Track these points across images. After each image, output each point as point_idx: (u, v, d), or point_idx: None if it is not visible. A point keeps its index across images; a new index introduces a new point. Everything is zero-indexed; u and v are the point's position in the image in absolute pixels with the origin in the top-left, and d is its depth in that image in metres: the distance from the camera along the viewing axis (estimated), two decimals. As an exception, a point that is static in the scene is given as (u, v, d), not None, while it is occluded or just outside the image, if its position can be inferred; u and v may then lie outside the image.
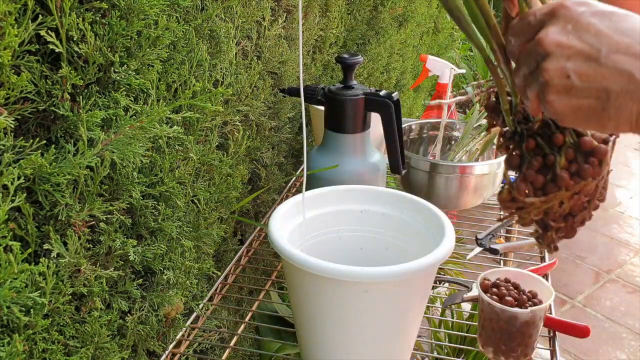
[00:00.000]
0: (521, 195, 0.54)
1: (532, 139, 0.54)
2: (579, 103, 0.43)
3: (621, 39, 0.41)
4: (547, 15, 0.45)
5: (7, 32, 0.50)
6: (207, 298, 0.97)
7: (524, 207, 0.55)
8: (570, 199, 0.53)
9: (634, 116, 0.42)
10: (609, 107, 0.42)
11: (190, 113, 0.76)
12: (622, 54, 0.41)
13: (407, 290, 0.70)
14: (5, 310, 0.53)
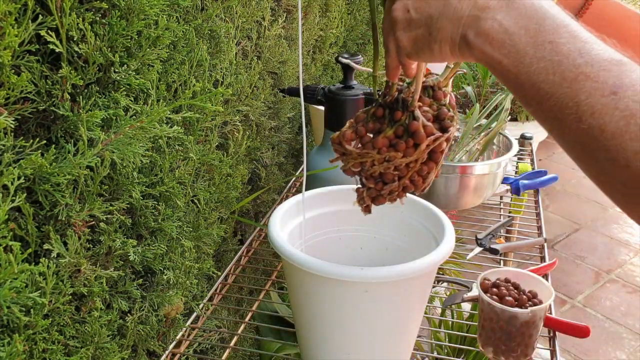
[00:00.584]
0: (346, 142, 0.63)
1: (381, 108, 0.63)
2: (416, 33, 0.50)
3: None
4: None
5: (7, 32, 0.50)
6: (207, 298, 0.97)
7: (345, 153, 0.64)
8: (380, 163, 0.62)
9: (449, 35, 0.48)
10: (433, 31, 0.49)
11: (190, 113, 0.76)
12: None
13: (407, 290, 0.70)
14: (6, 310, 0.53)
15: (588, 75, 0.41)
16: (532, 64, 0.43)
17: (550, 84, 0.42)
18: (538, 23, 0.44)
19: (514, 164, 1.47)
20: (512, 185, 1.32)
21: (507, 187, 1.34)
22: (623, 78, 0.40)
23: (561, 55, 0.42)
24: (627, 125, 0.39)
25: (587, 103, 0.40)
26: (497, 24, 0.45)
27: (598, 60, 0.41)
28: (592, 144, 0.41)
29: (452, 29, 0.48)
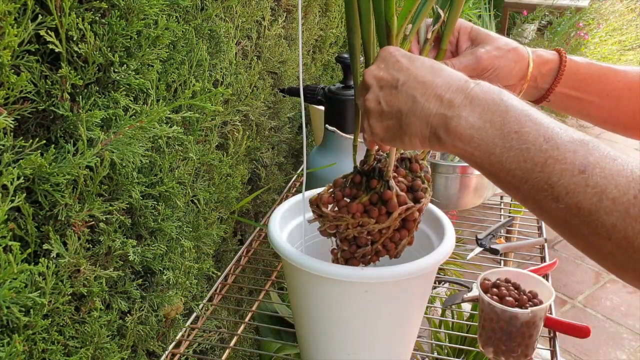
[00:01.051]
0: (323, 205, 0.67)
1: (359, 175, 0.68)
2: (387, 124, 0.54)
3: (416, 71, 0.52)
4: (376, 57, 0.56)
5: (6, 32, 0.49)
6: (207, 298, 0.97)
7: (322, 215, 0.67)
8: (354, 227, 0.66)
9: (419, 131, 0.52)
10: (402, 125, 0.52)
11: (190, 113, 0.76)
12: (413, 82, 0.51)
13: (407, 290, 0.70)
14: (5, 311, 0.52)
15: (557, 159, 0.43)
16: (502, 154, 0.46)
17: (523, 170, 0.45)
18: (501, 116, 0.47)
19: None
20: (512, 185, 1.32)
21: (507, 187, 1.33)
22: (588, 157, 0.43)
23: (528, 142, 0.45)
24: (600, 201, 0.41)
25: (561, 184, 0.43)
26: (464, 121, 0.48)
27: (563, 142, 0.44)
28: (573, 221, 0.43)
29: (420, 125, 0.51)
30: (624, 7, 3.97)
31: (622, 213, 0.41)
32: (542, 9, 4.15)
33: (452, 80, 0.50)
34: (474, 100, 0.48)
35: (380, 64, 0.55)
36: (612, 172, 0.42)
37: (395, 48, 0.56)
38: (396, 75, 0.53)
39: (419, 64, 0.53)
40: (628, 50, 3.65)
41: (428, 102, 0.50)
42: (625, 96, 0.70)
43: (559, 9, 4.12)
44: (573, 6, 4.09)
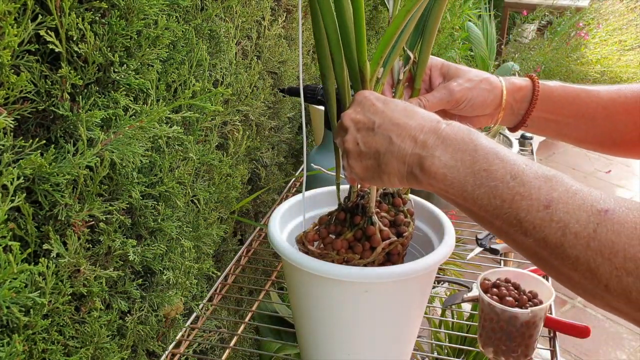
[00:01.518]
0: (308, 243, 0.70)
1: (343, 212, 0.71)
2: (366, 164, 0.56)
3: (391, 114, 0.55)
4: (352, 101, 0.59)
5: (6, 32, 0.49)
6: (207, 298, 0.97)
7: (308, 252, 0.69)
8: (340, 263, 0.68)
9: (397, 170, 0.54)
10: (381, 164, 0.55)
11: (190, 113, 0.76)
12: (388, 124, 0.54)
13: (408, 290, 0.70)
14: (5, 310, 0.52)
15: (523, 195, 0.46)
16: (474, 191, 0.49)
17: (493, 206, 0.48)
18: (471, 154, 0.50)
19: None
20: (512, 185, 1.32)
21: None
22: (552, 192, 0.45)
23: (496, 180, 0.47)
24: (564, 236, 0.43)
25: (527, 219, 0.45)
26: (437, 160, 0.51)
27: (528, 179, 0.46)
28: (542, 254, 0.46)
29: (398, 165, 0.54)
30: (624, 7, 3.97)
31: (584, 246, 0.43)
32: (542, 9, 4.15)
33: (425, 122, 0.53)
34: (446, 140, 0.51)
35: (356, 108, 0.58)
36: (574, 207, 0.44)
37: (369, 92, 0.59)
38: (372, 117, 0.56)
39: (393, 106, 0.56)
40: (628, 50, 3.65)
41: (403, 143, 0.53)
42: (599, 115, 0.73)
43: (559, 9, 4.12)
44: (573, 6, 4.09)
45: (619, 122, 0.72)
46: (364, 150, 0.56)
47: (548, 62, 3.55)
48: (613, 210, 0.42)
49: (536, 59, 3.60)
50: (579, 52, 3.64)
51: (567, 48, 3.65)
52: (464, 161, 0.50)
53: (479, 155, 0.49)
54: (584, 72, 3.56)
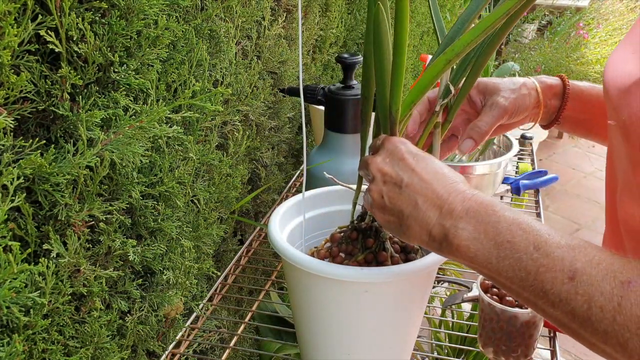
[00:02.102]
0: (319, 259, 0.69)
1: (355, 232, 0.70)
2: (387, 218, 0.56)
3: (420, 174, 0.54)
4: (380, 145, 0.59)
5: (6, 32, 0.49)
6: (206, 298, 0.97)
7: None
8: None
9: (418, 235, 0.54)
10: (403, 225, 0.55)
11: (189, 113, 0.76)
12: (416, 185, 0.54)
13: (407, 290, 0.70)
14: (5, 310, 0.52)
15: (547, 267, 0.46)
16: (498, 263, 0.49)
17: (519, 278, 0.48)
18: (494, 226, 0.50)
19: (514, 164, 1.47)
20: (513, 185, 1.32)
21: (507, 187, 1.34)
22: (576, 263, 0.45)
23: (520, 252, 0.47)
24: (590, 309, 0.43)
25: (553, 292, 0.45)
26: (461, 231, 0.51)
27: (552, 250, 0.46)
28: (572, 326, 0.45)
29: (420, 231, 0.54)
30: (624, 7, 3.97)
31: (610, 321, 0.42)
32: (541, 9, 4.15)
33: (452, 190, 0.53)
34: (469, 211, 0.51)
35: (385, 157, 0.57)
36: (598, 279, 0.43)
37: (401, 141, 0.57)
38: (401, 174, 0.55)
39: (423, 165, 0.55)
40: (628, 50, 3.65)
41: (429, 211, 0.53)
42: None
43: (558, 8, 4.12)
44: (573, 6, 4.09)
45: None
46: (389, 205, 0.56)
47: (548, 62, 3.55)
48: (636, 282, 0.42)
49: (536, 59, 3.60)
50: (579, 52, 3.65)
51: (567, 48, 3.65)
52: (487, 233, 0.50)
53: (501, 227, 0.49)
54: (584, 72, 3.56)
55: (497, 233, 0.49)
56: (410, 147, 0.57)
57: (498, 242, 0.49)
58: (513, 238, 0.48)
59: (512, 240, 0.48)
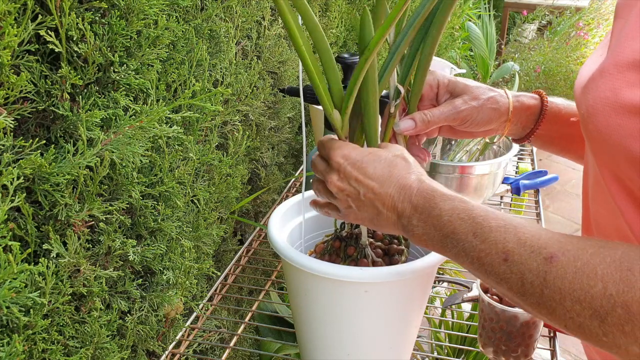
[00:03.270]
0: None
1: (338, 241, 0.73)
2: (362, 216, 0.61)
3: (369, 183, 0.58)
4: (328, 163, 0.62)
5: (6, 32, 0.49)
6: (206, 298, 0.97)
7: None
8: None
9: (391, 229, 0.59)
10: (376, 225, 0.61)
11: (189, 113, 0.76)
12: (371, 194, 0.58)
13: (407, 290, 0.70)
14: (5, 310, 0.52)
15: (485, 252, 0.50)
16: (451, 251, 0.54)
17: (468, 263, 0.52)
18: (438, 220, 0.54)
19: (514, 164, 1.47)
20: (513, 185, 1.32)
21: (507, 187, 1.34)
22: (507, 244, 0.49)
23: (463, 241, 0.52)
24: (523, 285, 0.48)
25: (494, 273, 0.50)
26: (416, 228, 0.56)
27: (487, 235, 0.50)
28: (514, 299, 0.50)
29: (391, 228, 0.59)
30: (624, 7, 3.96)
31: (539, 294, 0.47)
32: (541, 9, 4.15)
33: (400, 188, 0.57)
34: (417, 208, 0.56)
35: (339, 175, 0.61)
36: (526, 257, 0.48)
37: (342, 156, 0.61)
38: (356, 187, 0.59)
39: (371, 172, 0.59)
40: (628, 50, 3.65)
41: (389, 212, 0.58)
42: None
43: (558, 8, 4.12)
44: (573, 6, 4.09)
45: None
46: (359, 213, 0.61)
47: (548, 62, 3.55)
48: (557, 257, 0.46)
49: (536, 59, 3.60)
50: (579, 52, 3.64)
51: (567, 48, 3.65)
52: (434, 226, 0.54)
53: (444, 220, 0.54)
54: (584, 72, 3.55)
55: (442, 226, 0.54)
56: (351, 158, 0.60)
57: (444, 234, 0.53)
58: (455, 229, 0.52)
59: (455, 231, 0.52)
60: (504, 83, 3.50)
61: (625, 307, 0.42)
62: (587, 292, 0.44)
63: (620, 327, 0.42)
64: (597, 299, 0.43)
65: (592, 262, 0.44)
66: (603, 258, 0.44)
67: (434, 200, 0.55)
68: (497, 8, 4.49)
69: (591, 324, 0.44)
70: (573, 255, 0.46)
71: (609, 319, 0.42)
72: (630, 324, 0.42)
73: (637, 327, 0.41)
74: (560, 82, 3.52)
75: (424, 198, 0.56)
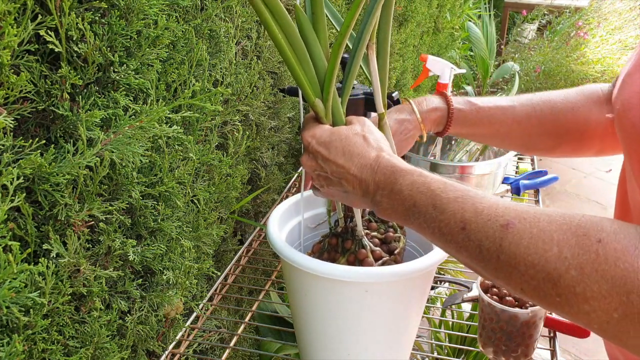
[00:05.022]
0: None
1: (335, 238, 0.74)
2: (335, 192, 0.64)
3: (335, 159, 0.61)
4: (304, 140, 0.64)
5: (6, 32, 0.49)
6: (206, 298, 0.97)
7: None
8: None
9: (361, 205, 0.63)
10: (349, 200, 0.64)
11: (189, 113, 0.75)
12: (337, 171, 0.61)
13: (407, 290, 0.70)
14: (5, 310, 0.52)
15: (444, 222, 0.52)
16: (414, 224, 0.55)
17: (431, 234, 0.54)
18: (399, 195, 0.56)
19: (514, 164, 1.47)
20: (513, 185, 1.32)
21: (507, 187, 1.34)
22: (464, 214, 0.50)
23: (424, 213, 0.54)
24: (481, 253, 0.49)
25: (453, 241, 0.51)
26: (381, 204, 0.58)
27: (445, 206, 0.52)
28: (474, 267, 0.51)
29: (362, 203, 0.62)
30: (624, 6, 3.97)
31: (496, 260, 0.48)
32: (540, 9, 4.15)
33: (362, 166, 0.60)
34: (380, 184, 0.58)
35: (308, 154, 0.64)
36: (483, 225, 0.49)
37: (310, 135, 0.63)
38: (323, 166, 0.62)
39: (335, 151, 0.61)
40: (628, 49, 3.66)
41: (355, 189, 0.60)
42: (514, 131, 0.82)
43: (557, 8, 4.12)
44: (572, 6, 4.09)
45: (533, 135, 0.82)
46: (331, 189, 0.64)
47: (548, 62, 3.55)
48: (513, 224, 0.48)
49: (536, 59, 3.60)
50: (579, 51, 3.64)
51: (567, 48, 3.65)
52: (397, 201, 0.56)
53: (405, 194, 0.55)
54: (584, 71, 3.56)
55: (403, 200, 0.56)
56: (319, 137, 0.62)
57: (406, 207, 0.55)
58: (415, 202, 0.54)
59: (416, 204, 0.54)
60: (504, 83, 3.50)
61: (579, 269, 0.43)
62: (541, 256, 0.45)
63: (572, 289, 0.44)
64: (552, 262, 0.45)
65: (548, 229, 0.46)
66: (559, 225, 0.46)
67: (393, 175, 0.57)
68: (497, 8, 4.49)
69: (545, 286, 0.45)
70: (529, 223, 0.47)
71: (562, 281, 0.44)
72: (582, 285, 0.43)
73: (587, 287, 0.43)
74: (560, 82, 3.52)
75: (384, 175, 0.58)
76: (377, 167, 0.59)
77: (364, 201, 0.61)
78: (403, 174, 0.57)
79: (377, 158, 0.59)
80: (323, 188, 0.65)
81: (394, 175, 0.57)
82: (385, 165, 0.58)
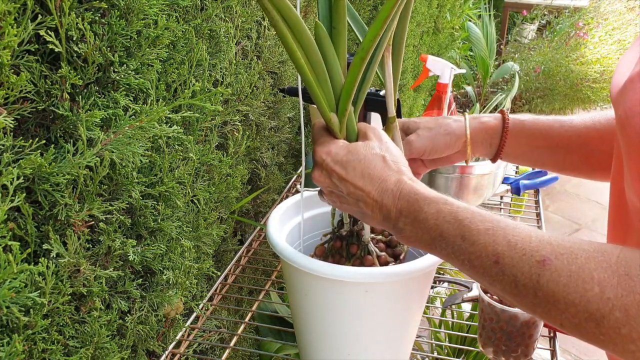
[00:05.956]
0: None
1: (339, 240, 0.73)
2: (349, 209, 0.62)
3: (352, 180, 0.59)
4: (314, 158, 0.63)
5: (6, 32, 0.49)
6: (206, 298, 0.97)
7: None
8: None
9: (379, 226, 0.60)
10: (362, 218, 0.62)
11: (189, 113, 0.75)
12: (354, 192, 0.59)
13: (407, 290, 0.70)
14: (5, 310, 0.52)
15: (475, 255, 0.50)
16: (441, 253, 0.54)
17: (460, 264, 0.52)
18: (424, 224, 0.54)
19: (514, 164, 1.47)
20: (513, 185, 1.32)
21: (507, 187, 1.34)
22: (497, 247, 0.49)
23: (451, 244, 0.52)
24: (516, 287, 0.48)
25: (486, 275, 0.50)
26: (403, 231, 0.56)
27: (475, 237, 0.51)
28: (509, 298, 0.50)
29: (378, 224, 0.60)
30: (623, 7, 3.97)
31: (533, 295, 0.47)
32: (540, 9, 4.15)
33: (382, 191, 0.57)
34: (402, 212, 0.56)
35: (321, 171, 0.61)
36: (517, 260, 0.48)
37: (325, 152, 0.61)
38: (338, 184, 0.60)
39: (352, 172, 0.59)
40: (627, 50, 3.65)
41: (374, 212, 0.58)
42: (574, 144, 0.76)
43: (557, 8, 4.12)
44: (572, 6, 4.09)
45: (594, 150, 0.76)
46: (347, 208, 0.62)
47: (548, 62, 3.55)
48: (550, 260, 0.47)
49: (536, 59, 3.60)
50: (578, 51, 3.64)
51: (567, 48, 3.65)
52: (422, 229, 0.54)
53: (430, 223, 0.54)
54: (584, 72, 3.56)
55: (429, 229, 0.54)
56: (335, 155, 0.60)
57: (432, 236, 0.54)
58: (442, 232, 0.53)
59: (443, 234, 0.53)
60: (504, 83, 3.50)
61: (623, 311, 0.43)
62: (582, 296, 0.44)
63: (617, 330, 0.43)
64: (594, 302, 0.44)
65: (587, 267, 0.45)
66: (599, 263, 0.45)
67: (417, 203, 0.55)
68: (497, 8, 4.49)
69: (587, 325, 0.45)
70: (567, 259, 0.46)
71: (606, 322, 0.43)
72: (627, 327, 0.43)
73: (634, 329, 0.42)
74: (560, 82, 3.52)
75: (407, 202, 0.56)
76: (399, 193, 0.56)
77: (385, 225, 0.59)
78: (428, 202, 0.55)
79: (399, 183, 0.57)
80: (335, 204, 0.63)
81: (417, 203, 0.55)
82: (409, 192, 0.56)
